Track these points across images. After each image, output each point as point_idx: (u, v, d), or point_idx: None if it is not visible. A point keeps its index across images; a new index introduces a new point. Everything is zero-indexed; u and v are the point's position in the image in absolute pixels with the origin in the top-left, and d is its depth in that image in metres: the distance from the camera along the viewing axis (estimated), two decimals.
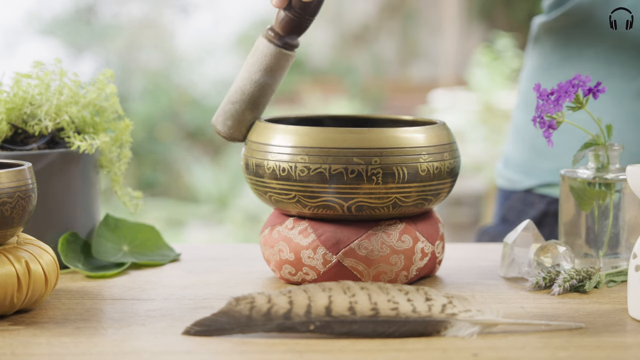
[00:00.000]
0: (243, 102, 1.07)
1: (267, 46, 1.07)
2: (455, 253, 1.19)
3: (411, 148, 0.99)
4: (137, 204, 1.17)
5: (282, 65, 1.08)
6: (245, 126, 1.08)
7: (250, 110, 1.07)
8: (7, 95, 1.09)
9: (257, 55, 1.07)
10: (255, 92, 1.07)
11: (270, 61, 1.07)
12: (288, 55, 1.07)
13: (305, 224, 1.02)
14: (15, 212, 0.91)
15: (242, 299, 0.86)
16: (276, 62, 1.07)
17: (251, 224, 4.73)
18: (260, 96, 1.08)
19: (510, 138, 1.46)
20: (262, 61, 1.07)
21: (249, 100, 1.07)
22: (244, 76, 1.08)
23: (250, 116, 1.08)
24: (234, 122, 1.07)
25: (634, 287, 0.91)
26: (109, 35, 5.39)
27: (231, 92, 1.09)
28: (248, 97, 1.07)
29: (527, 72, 1.42)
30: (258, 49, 1.08)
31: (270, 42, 1.07)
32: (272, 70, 1.07)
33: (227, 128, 1.08)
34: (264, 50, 1.07)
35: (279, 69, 1.08)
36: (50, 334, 0.86)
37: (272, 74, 1.07)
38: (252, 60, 1.08)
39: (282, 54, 1.07)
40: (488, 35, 5.28)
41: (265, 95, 1.08)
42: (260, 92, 1.08)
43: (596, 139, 1.07)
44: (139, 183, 4.99)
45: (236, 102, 1.08)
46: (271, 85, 1.08)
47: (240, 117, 1.07)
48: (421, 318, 0.84)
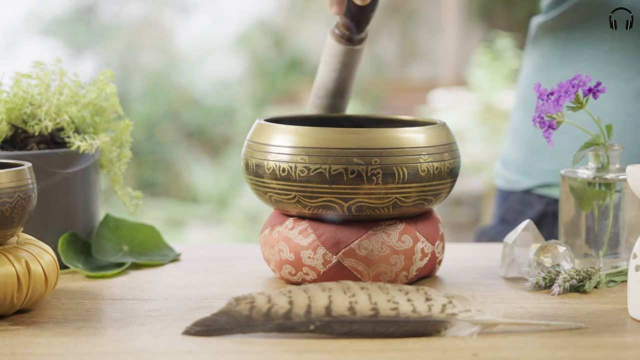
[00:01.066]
0: (330, 96, 1.14)
1: (335, 46, 1.12)
2: (455, 253, 1.19)
3: (411, 148, 0.99)
4: (137, 204, 1.17)
5: (354, 59, 1.13)
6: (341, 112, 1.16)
7: (338, 104, 1.15)
8: (7, 95, 1.09)
9: (329, 55, 1.13)
10: (338, 86, 1.14)
11: (342, 59, 1.12)
12: (357, 49, 1.12)
13: (305, 224, 1.02)
14: (15, 212, 0.91)
15: (242, 299, 0.86)
16: (348, 59, 1.12)
17: (251, 224, 4.74)
18: (343, 88, 1.14)
19: (508, 138, 1.46)
20: (335, 60, 1.13)
21: (334, 94, 1.14)
22: (323, 74, 1.14)
23: (338, 108, 1.16)
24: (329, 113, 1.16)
25: (634, 287, 0.91)
26: (109, 35, 5.39)
27: (316, 88, 1.15)
28: (333, 91, 1.14)
29: (526, 73, 1.42)
30: (330, 49, 1.13)
31: (338, 42, 1.12)
32: (346, 65, 1.13)
33: None
34: (334, 50, 1.12)
35: (352, 63, 1.13)
36: (50, 334, 0.86)
37: (347, 69, 1.13)
38: (327, 58, 1.13)
39: (351, 50, 1.12)
40: (488, 35, 5.28)
41: (347, 87, 1.15)
42: (342, 85, 1.14)
43: (596, 139, 1.07)
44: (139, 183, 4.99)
45: (324, 97, 1.14)
46: (349, 77, 1.14)
47: (332, 109, 1.15)
48: (421, 318, 0.84)
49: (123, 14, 5.48)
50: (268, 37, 5.54)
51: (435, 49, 5.60)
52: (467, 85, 4.96)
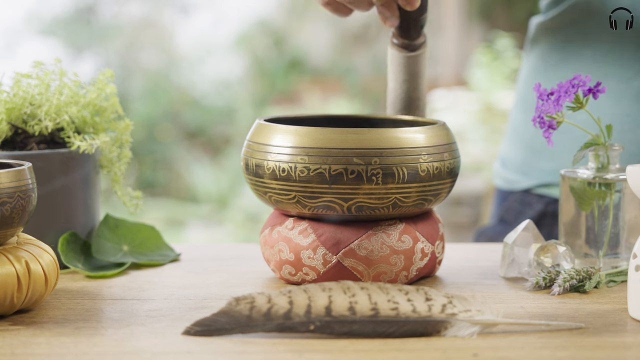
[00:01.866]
0: (408, 107, 1.14)
1: (398, 56, 1.12)
2: (455, 253, 1.19)
3: (411, 148, 0.99)
4: (137, 204, 1.17)
5: (419, 64, 1.12)
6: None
7: (416, 109, 1.14)
8: (7, 95, 1.09)
9: (395, 66, 1.13)
10: (413, 95, 1.13)
11: (408, 68, 1.12)
12: (419, 55, 1.12)
13: (305, 224, 1.02)
14: (15, 212, 0.91)
15: (242, 299, 0.86)
16: (413, 65, 1.12)
17: (251, 224, 4.74)
18: (417, 97, 1.14)
19: (507, 138, 1.46)
20: (401, 70, 1.13)
21: (409, 105, 1.14)
22: (395, 87, 1.14)
23: (420, 114, 1.14)
24: None
25: (634, 287, 0.91)
26: (109, 35, 5.39)
27: (392, 103, 1.14)
28: (407, 102, 1.14)
29: (525, 73, 1.42)
30: (393, 60, 1.13)
31: (400, 52, 1.12)
32: (414, 73, 1.12)
33: None
34: (398, 61, 1.12)
35: (419, 69, 1.12)
36: (50, 334, 0.86)
37: (415, 76, 1.13)
38: (393, 70, 1.13)
39: (413, 57, 1.12)
40: (488, 35, 5.28)
41: (421, 94, 1.14)
42: (417, 93, 1.13)
43: (596, 139, 1.07)
44: (139, 183, 4.99)
45: (402, 109, 1.14)
46: (420, 83, 1.13)
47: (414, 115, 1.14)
48: (421, 318, 0.84)
49: (123, 14, 5.48)
50: (268, 37, 5.54)
51: (435, 49, 5.60)
52: (467, 85, 4.96)
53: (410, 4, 1.07)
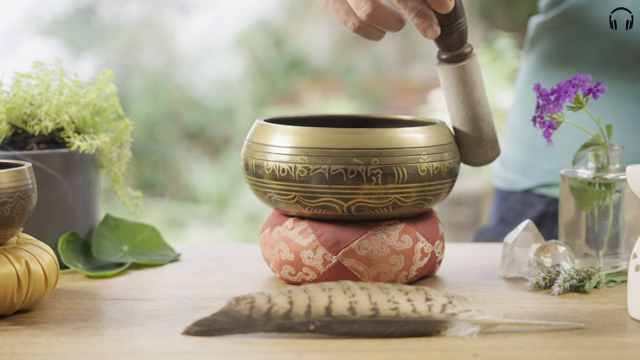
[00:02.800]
0: (479, 127, 1.06)
1: (450, 70, 1.05)
2: (455, 253, 1.19)
3: (411, 148, 0.99)
4: (137, 204, 1.17)
5: (472, 73, 1.05)
6: (496, 144, 1.08)
7: (483, 123, 1.06)
8: (7, 95, 1.09)
9: (450, 83, 1.05)
10: (479, 109, 1.06)
11: (463, 80, 1.04)
12: (469, 64, 1.04)
13: (305, 224, 1.02)
14: (15, 212, 0.91)
15: (242, 299, 0.86)
16: (468, 75, 1.04)
17: (251, 224, 4.74)
18: (483, 107, 1.06)
19: (507, 138, 1.46)
20: (460, 84, 1.05)
21: (477, 118, 1.06)
22: (459, 109, 1.06)
23: (491, 132, 1.07)
24: (491, 142, 1.07)
25: (634, 287, 0.91)
26: (109, 35, 5.39)
27: (461, 126, 1.06)
28: (474, 118, 1.06)
29: (525, 73, 1.42)
30: (448, 79, 1.05)
31: (451, 65, 1.04)
32: (472, 83, 1.05)
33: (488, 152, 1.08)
34: (452, 75, 1.05)
35: (473, 77, 1.05)
36: (50, 334, 0.86)
37: (474, 86, 1.05)
38: (451, 92, 1.06)
39: (465, 66, 1.04)
40: (488, 35, 5.28)
41: (484, 104, 1.06)
42: (480, 105, 1.06)
43: (596, 139, 1.07)
44: (139, 183, 4.99)
45: (473, 129, 1.06)
46: (480, 92, 1.05)
47: (491, 138, 1.07)
48: (421, 318, 0.84)
49: (123, 14, 5.48)
50: (268, 37, 5.54)
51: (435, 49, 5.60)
52: None
53: (445, 6, 1.01)
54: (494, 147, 1.08)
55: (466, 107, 1.05)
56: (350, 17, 1.07)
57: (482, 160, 1.08)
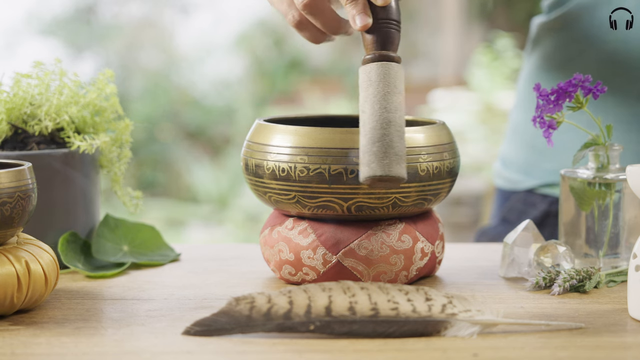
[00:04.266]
0: (391, 135, 0.92)
1: (374, 67, 0.95)
2: (455, 253, 1.19)
3: (411, 148, 0.99)
4: (137, 204, 1.17)
5: (396, 77, 0.95)
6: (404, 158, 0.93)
7: (401, 138, 0.93)
8: (7, 95, 1.09)
9: (372, 85, 0.95)
10: (394, 117, 0.94)
11: (387, 81, 0.95)
12: (395, 66, 0.96)
13: (305, 224, 1.02)
14: (15, 212, 0.91)
15: (242, 299, 0.86)
16: (392, 77, 0.95)
17: (251, 224, 4.74)
18: (399, 124, 0.94)
19: (508, 138, 1.46)
20: (381, 85, 0.94)
21: (395, 129, 0.93)
22: (374, 110, 0.93)
23: (402, 147, 0.93)
24: (396, 157, 0.92)
25: (634, 287, 0.91)
26: (109, 35, 5.39)
27: (368, 132, 0.93)
28: (392, 125, 0.93)
29: (527, 73, 1.42)
30: (369, 78, 0.95)
31: (376, 63, 0.96)
32: (393, 87, 0.95)
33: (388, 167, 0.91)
34: (376, 74, 0.95)
35: (396, 82, 0.95)
36: (50, 334, 0.86)
37: (396, 91, 0.95)
38: (370, 92, 0.95)
39: (391, 66, 0.95)
40: (488, 35, 5.28)
41: (402, 123, 0.94)
42: (400, 119, 0.94)
43: (596, 139, 1.07)
44: (139, 183, 4.99)
45: (382, 137, 0.92)
46: (402, 104, 0.95)
47: (400, 151, 0.92)
48: (421, 318, 0.84)
49: (123, 14, 5.48)
50: (268, 37, 5.53)
51: (435, 49, 5.60)
52: (467, 85, 4.96)
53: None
54: (399, 164, 0.91)
55: (383, 109, 0.93)
56: (291, 9, 1.04)
57: (386, 170, 0.91)
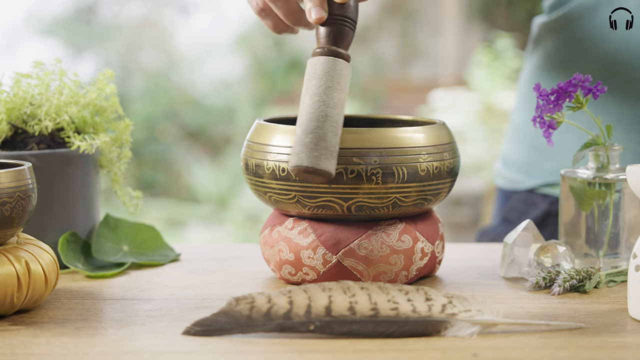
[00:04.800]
0: (325, 129, 0.94)
1: (321, 61, 0.97)
2: (455, 253, 1.19)
3: (411, 148, 0.99)
4: (137, 204, 1.17)
5: (342, 75, 0.97)
6: (335, 154, 0.94)
7: (335, 133, 0.94)
8: (7, 95, 1.09)
9: (315, 78, 0.96)
10: (332, 112, 0.95)
11: (331, 76, 0.96)
12: (343, 64, 0.97)
13: (305, 224, 1.02)
14: (15, 212, 0.91)
15: (242, 299, 0.86)
16: (337, 73, 0.97)
17: (251, 224, 4.73)
18: (336, 121, 0.95)
19: (509, 138, 1.46)
20: (324, 78, 0.96)
21: (330, 124, 0.94)
22: (313, 101, 0.95)
23: (336, 140, 0.94)
24: (326, 151, 0.93)
25: (634, 287, 0.91)
26: (109, 35, 5.39)
27: (304, 123, 0.94)
28: (327, 119, 0.94)
29: (528, 73, 1.42)
30: (315, 71, 0.96)
31: (324, 57, 0.97)
32: (337, 83, 0.96)
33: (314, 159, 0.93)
34: (322, 68, 0.96)
35: (340, 79, 0.97)
36: (50, 334, 0.86)
37: (339, 87, 0.96)
38: (313, 83, 0.96)
39: (338, 63, 0.97)
40: (488, 35, 5.28)
41: (339, 121, 0.95)
42: (338, 115, 0.95)
43: (596, 139, 1.07)
44: (139, 183, 4.99)
45: (316, 129, 0.93)
46: (343, 102, 0.96)
47: (331, 146, 0.94)
48: (421, 318, 0.84)
49: (123, 14, 5.48)
50: (268, 37, 5.53)
51: (435, 49, 5.60)
52: (467, 85, 4.96)
53: None
54: (328, 160, 0.93)
55: (321, 103, 0.94)
56: None
57: (313, 163, 0.92)
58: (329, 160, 0.93)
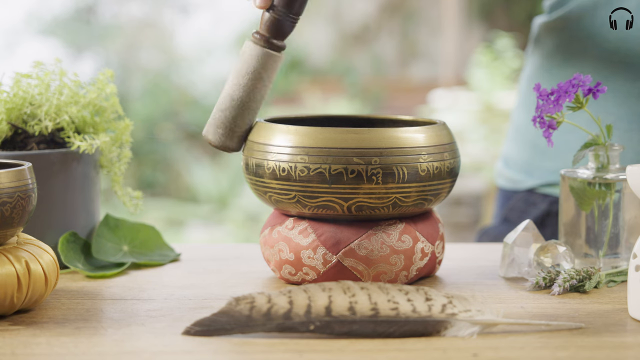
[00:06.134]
0: (233, 108, 1.05)
1: (253, 48, 1.06)
2: (455, 253, 1.19)
3: (411, 148, 0.99)
4: (137, 204, 1.17)
5: (270, 66, 1.06)
6: (238, 134, 1.05)
7: (241, 116, 1.05)
8: (7, 95, 1.09)
9: (244, 59, 1.06)
10: (244, 97, 1.05)
11: (256, 63, 1.05)
12: (275, 56, 1.06)
13: (305, 224, 1.02)
14: (15, 212, 0.91)
15: (242, 299, 0.86)
16: (263, 64, 1.05)
17: (251, 224, 4.73)
18: (250, 100, 1.05)
19: (510, 138, 1.46)
20: (250, 64, 1.05)
21: (238, 105, 1.05)
22: (232, 82, 1.06)
23: (241, 122, 1.05)
24: (225, 130, 1.05)
25: (634, 287, 0.91)
26: (109, 35, 5.39)
27: (220, 99, 1.06)
28: (237, 102, 1.05)
29: (529, 72, 1.42)
30: (245, 53, 1.06)
31: (256, 44, 1.06)
32: (259, 72, 1.05)
33: (219, 136, 1.06)
34: (251, 53, 1.06)
35: (267, 71, 1.06)
36: (50, 334, 0.86)
37: (259, 77, 1.05)
38: (240, 65, 1.06)
39: (268, 55, 1.05)
40: (488, 35, 5.28)
41: (255, 99, 1.06)
42: (250, 96, 1.05)
43: (596, 139, 1.07)
44: (139, 183, 4.99)
45: (225, 109, 1.05)
46: (260, 88, 1.06)
47: (231, 124, 1.05)
48: (421, 318, 0.84)
49: (123, 14, 5.48)
50: None
51: (435, 49, 5.60)
52: (467, 85, 4.96)
53: None
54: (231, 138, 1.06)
55: (237, 85, 1.06)
56: None
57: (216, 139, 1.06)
58: (231, 138, 1.06)
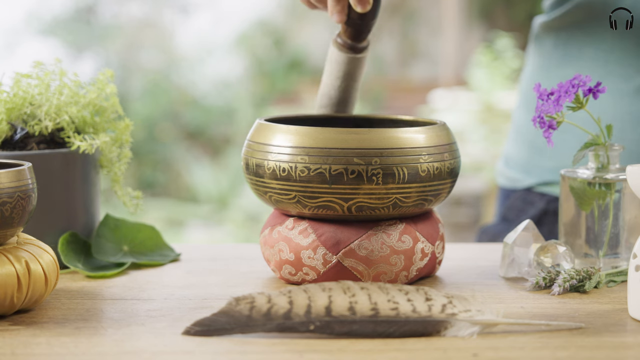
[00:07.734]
0: (332, 105, 1.14)
1: (338, 54, 1.12)
2: (455, 253, 1.19)
3: (411, 148, 0.99)
4: (137, 204, 1.17)
5: (357, 67, 1.12)
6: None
7: (342, 111, 1.15)
8: (7, 95, 1.09)
9: (332, 64, 1.13)
10: (340, 96, 1.14)
11: (345, 68, 1.12)
12: (360, 58, 1.12)
13: (305, 224, 1.02)
14: (15, 212, 0.91)
15: (242, 299, 0.86)
16: (351, 67, 1.12)
17: (251, 224, 4.73)
18: (345, 98, 1.14)
19: (510, 137, 1.46)
20: (338, 69, 1.12)
21: (336, 103, 1.14)
22: (326, 83, 1.14)
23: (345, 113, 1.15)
24: None
25: (634, 287, 0.91)
26: (109, 35, 5.39)
27: (319, 97, 1.15)
28: (335, 100, 1.14)
29: (528, 72, 1.43)
30: (332, 58, 1.13)
31: (340, 51, 1.12)
32: (349, 74, 1.12)
33: None
34: (337, 59, 1.12)
35: (355, 71, 1.13)
36: (50, 334, 0.86)
37: (350, 77, 1.13)
38: (329, 68, 1.13)
39: (353, 59, 1.12)
40: (488, 35, 5.28)
41: (350, 97, 1.14)
42: (345, 94, 1.14)
43: (596, 139, 1.07)
44: (139, 183, 4.99)
45: (326, 106, 1.14)
46: (353, 85, 1.13)
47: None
48: (421, 318, 0.84)
49: (123, 14, 5.48)
50: (268, 37, 5.54)
51: (435, 49, 5.60)
52: (467, 85, 4.97)
53: (362, 5, 1.07)
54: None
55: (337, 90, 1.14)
56: None
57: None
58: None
